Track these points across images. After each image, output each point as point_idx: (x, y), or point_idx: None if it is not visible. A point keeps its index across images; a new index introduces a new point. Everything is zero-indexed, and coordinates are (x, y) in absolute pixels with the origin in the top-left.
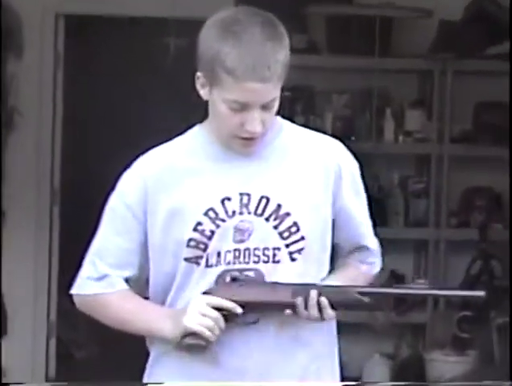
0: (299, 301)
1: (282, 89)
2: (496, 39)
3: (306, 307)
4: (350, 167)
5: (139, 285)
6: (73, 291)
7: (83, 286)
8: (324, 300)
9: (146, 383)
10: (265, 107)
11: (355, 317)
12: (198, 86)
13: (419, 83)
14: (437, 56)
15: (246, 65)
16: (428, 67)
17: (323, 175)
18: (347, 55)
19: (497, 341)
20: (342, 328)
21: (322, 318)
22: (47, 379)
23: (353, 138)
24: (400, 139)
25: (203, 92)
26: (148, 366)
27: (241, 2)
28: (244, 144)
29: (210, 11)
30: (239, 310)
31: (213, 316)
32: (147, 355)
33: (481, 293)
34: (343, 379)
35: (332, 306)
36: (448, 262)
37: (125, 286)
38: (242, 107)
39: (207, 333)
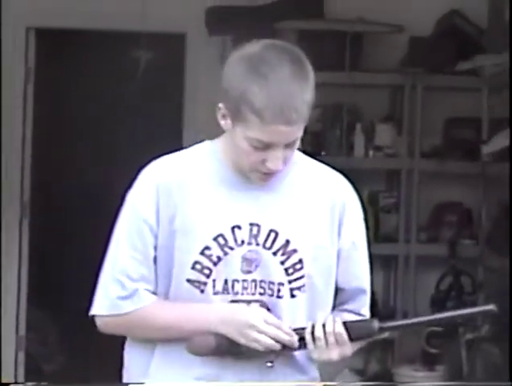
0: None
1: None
2: (466, 55)
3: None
4: (355, 210)
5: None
6: (103, 312)
7: (116, 306)
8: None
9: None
10: (288, 145)
11: None
12: (219, 116)
13: (390, 98)
14: (408, 71)
15: (274, 108)
16: (399, 82)
17: (329, 214)
18: (318, 70)
19: (465, 357)
20: None
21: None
22: None
23: (323, 153)
24: (370, 154)
25: (223, 123)
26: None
27: (211, 18)
28: (263, 178)
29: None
30: (295, 345)
31: (272, 334)
32: (114, 367)
33: (492, 307)
34: None
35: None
36: (418, 278)
37: (154, 297)
38: (265, 146)
39: (261, 348)
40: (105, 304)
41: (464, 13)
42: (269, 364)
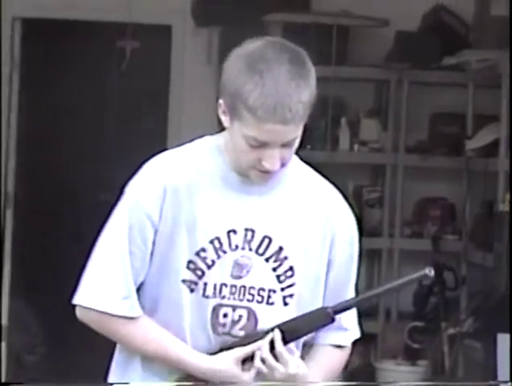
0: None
1: (305, 126)
2: (452, 50)
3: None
4: (348, 238)
5: None
6: (92, 306)
7: (109, 305)
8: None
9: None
10: (285, 145)
11: None
12: (220, 112)
13: (375, 92)
14: (393, 66)
15: (267, 106)
16: (384, 76)
17: (322, 227)
18: None
19: (447, 352)
20: None
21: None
22: None
23: (308, 147)
24: (355, 148)
25: (224, 119)
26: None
27: (198, 9)
28: (261, 176)
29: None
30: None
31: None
32: (100, 358)
33: (428, 272)
34: None
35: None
36: (401, 272)
37: (141, 312)
38: (261, 145)
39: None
40: (108, 303)
41: (450, 8)
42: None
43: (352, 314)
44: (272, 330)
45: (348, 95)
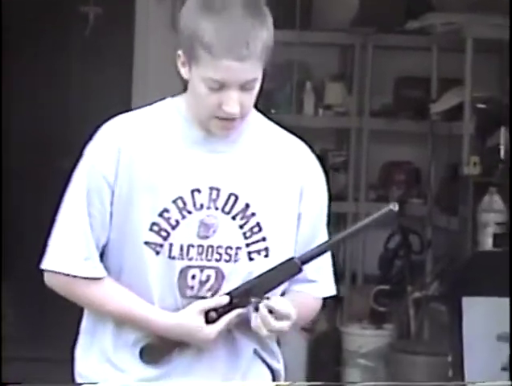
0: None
1: (265, 71)
2: (416, 14)
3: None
4: (317, 187)
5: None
6: (59, 269)
7: (75, 267)
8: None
9: (81, 384)
10: (244, 88)
11: None
12: (179, 64)
13: (340, 57)
14: (358, 30)
15: (223, 42)
16: (349, 41)
17: (290, 180)
18: None
19: (413, 315)
20: None
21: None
22: None
23: (272, 111)
24: (320, 112)
25: (183, 71)
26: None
27: None
28: (222, 126)
29: None
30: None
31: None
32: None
33: (392, 207)
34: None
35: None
36: (367, 236)
37: (105, 273)
38: (220, 86)
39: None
40: (70, 263)
41: None
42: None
43: (321, 267)
44: (242, 286)
45: (312, 59)
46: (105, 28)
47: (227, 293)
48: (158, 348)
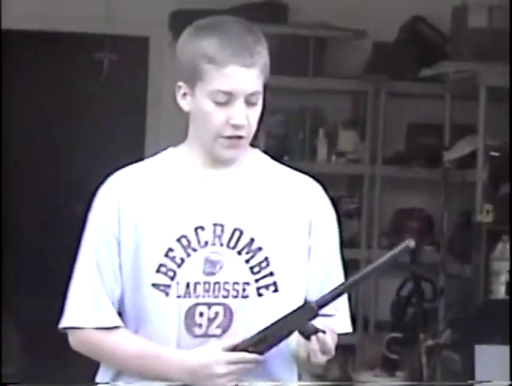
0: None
1: (265, 91)
2: (429, 61)
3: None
4: (326, 220)
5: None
6: (74, 324)
7: (89, 319)
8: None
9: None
10: (248, 102)
11: None
12: (179, 98)
13: (353, 103)
14: (371, 77)
15: (228, 50)
16: (362, 87)
17: (298, 212)
18: (281, 75)
19: (425, 363)
20: None
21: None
22: None
23: (286, 157)
24: (333, 159)
25: (185, 103)
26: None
27: (176, 20)
28: (229, 145)
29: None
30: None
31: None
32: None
33: (409, 243)
34: None
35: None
36: (379, 283)
37: (120, 322)
38: (227, 100)
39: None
40: (78, 316)
41: (427, 19)
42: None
43: (338, 302)
44: (258, 334)
45: (325, 106)
46: (120, 74)
47: (242, 342)
48: None
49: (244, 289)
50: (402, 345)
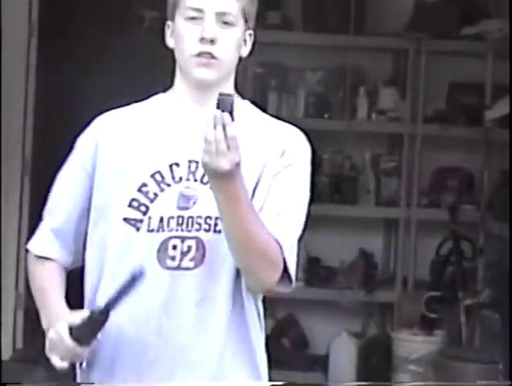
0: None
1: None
2: (471, 20)
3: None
4: (297, 153)
5: (76, 243)
6: (29, 247)
7: (36, 246)
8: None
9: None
10: (221, 20)
11: (323, 294)
12: (167, 37)
13: (394, 62)
14: (412, 35)
15: None
16: (403, 46)
17: (271, 148)
18: (321, 33)
19: (464, 322)
20: (311, 305)
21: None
22: (14, 350)
23: (326, 116)
24: (373, 117)
25: (171, 41)
26: None
27: None
28: (199, 62)
29: None
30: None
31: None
32: None
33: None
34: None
35: None
36: (418, 242)
37: (58, 254)
38: (198, 15)
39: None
40: (31, 239)
41: None
42: None
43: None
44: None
45: (366, 64)
46: (159, 31)
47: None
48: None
49: (216, 224)
50: (441, 304)
